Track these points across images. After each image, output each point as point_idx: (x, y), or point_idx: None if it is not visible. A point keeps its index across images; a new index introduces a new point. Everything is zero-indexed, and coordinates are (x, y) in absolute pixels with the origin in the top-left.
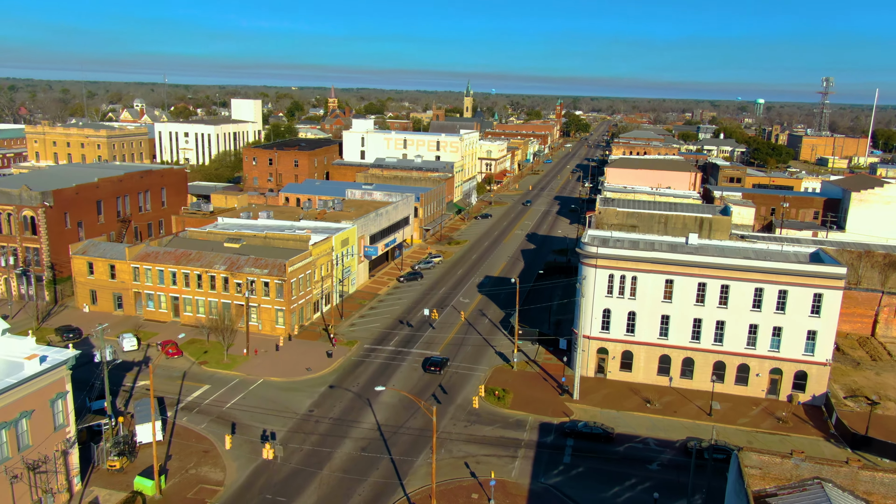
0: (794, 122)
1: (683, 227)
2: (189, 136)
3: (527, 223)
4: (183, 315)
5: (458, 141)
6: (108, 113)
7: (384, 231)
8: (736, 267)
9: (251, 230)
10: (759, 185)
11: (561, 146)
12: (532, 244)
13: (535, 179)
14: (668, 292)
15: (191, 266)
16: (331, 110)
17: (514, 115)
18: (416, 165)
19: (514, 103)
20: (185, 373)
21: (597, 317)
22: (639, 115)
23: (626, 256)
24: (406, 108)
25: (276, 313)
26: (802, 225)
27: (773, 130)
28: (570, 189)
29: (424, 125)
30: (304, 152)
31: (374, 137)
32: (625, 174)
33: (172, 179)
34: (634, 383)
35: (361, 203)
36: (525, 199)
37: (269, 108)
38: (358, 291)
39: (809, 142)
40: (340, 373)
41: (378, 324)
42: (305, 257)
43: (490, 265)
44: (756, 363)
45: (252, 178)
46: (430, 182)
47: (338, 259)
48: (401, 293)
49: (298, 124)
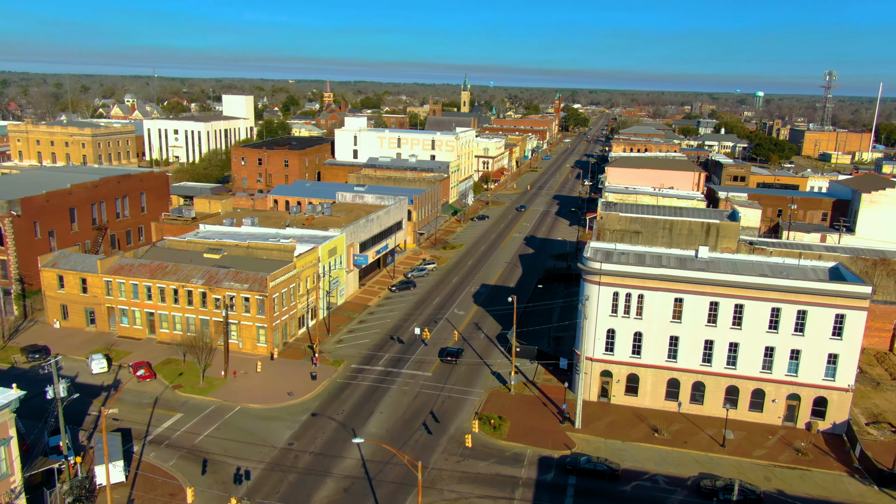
0: (793, 114)
1: (689, 234)
2: (178, 134)
3: (525, 225)
4: (159, 332)
5: (453, 140)
6: (99, 108)
7: (375, 238)
8: (751, 285)
9: (233, 239)
10: (763, 185)
11: (559, 141)
12: (530, 248)
13: (534, 177)
14: (677, 311)
15: (167, 280)
16: (326, 105)
17: (512, 109)
18: (411, 165)
19: (511, 96)
20: (156, 399)
21: (600, 337)
22: (637, 109)
23: (632, 273)
24: (403, 101)
25: (257, 331)
26: (810, 227)
27: (774, 125)
28: (569, 187)
29: (421, 119)
30: (294, 152)
31: (367, 136)
32: (626, 174)
33: (153, 183)
34: (640, 408)
35: (352, 207)
36: (519, 205)
37: (264, 102)
38: (347, 303)
39: (812, 137)
40: (325, 397)
41: (367, 339)
42: (289, 270)
43: (487, 272)
44: (772, 388)
45: (241, 178)
46: (424, 183)
47: (325, 270)
48: (392, 304)
49: (293, 119)
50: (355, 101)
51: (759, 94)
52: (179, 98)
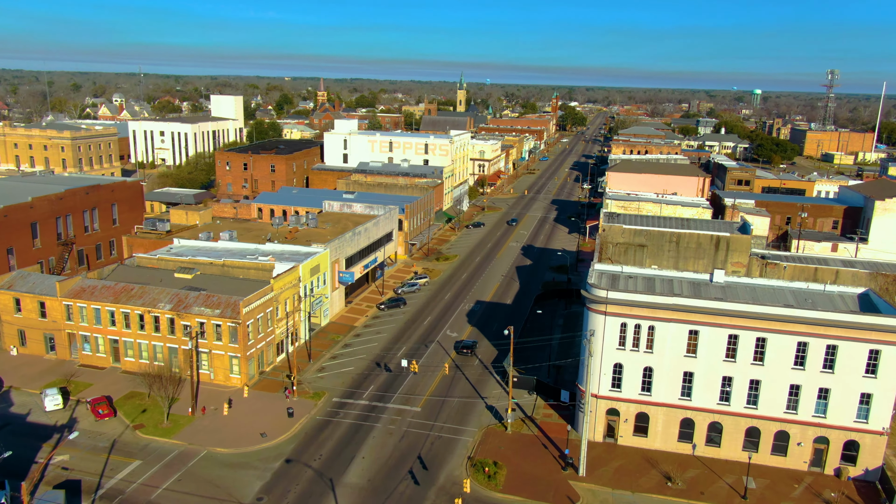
0: (791, 112)
1: (698, 247)
2: (165, 136)
3: (522, 233)
4: (124, 361)
5: (447, 143)
6: (87, 108)
7: (363, 251)
8: (775, 317)
9: (209, 256)
10: (769, 189)
11: (557, 141)
12: (528, 259)
13: (531, 180)
14: (691, 345)
15: (131, 304)
16: (320, 104)
17: (509, 107)
18: (403, 171)
19: (508, 94)
20: (114, 441)
21: (606, 372)
22: (635, 107)
23: (642, 302)
24: (399, 100)
25: (229, 360)
26: (820, 236)
27: (774, 124)
28: (567, 191)
29: (417, 119)
30: (281, 156)
31: (357, 140)
32: (627, 179)
33: (125, 194)
34: (650, 450)
35: (339, 217)
36: (510, 218)
37: (258, 100)
38: (331, 324)
39: (814, 136)
40: (301, 438)
41: (352, 367)
42: (265, 293)
43: (482, 287)
44: (797, 430)
45: (225, 184)
46: (417, 190)
47: (307, 290)
48: (380, 325)
49: (286, 119)
50: (350, 99)
51: (757, 91)
52: (171, 97)
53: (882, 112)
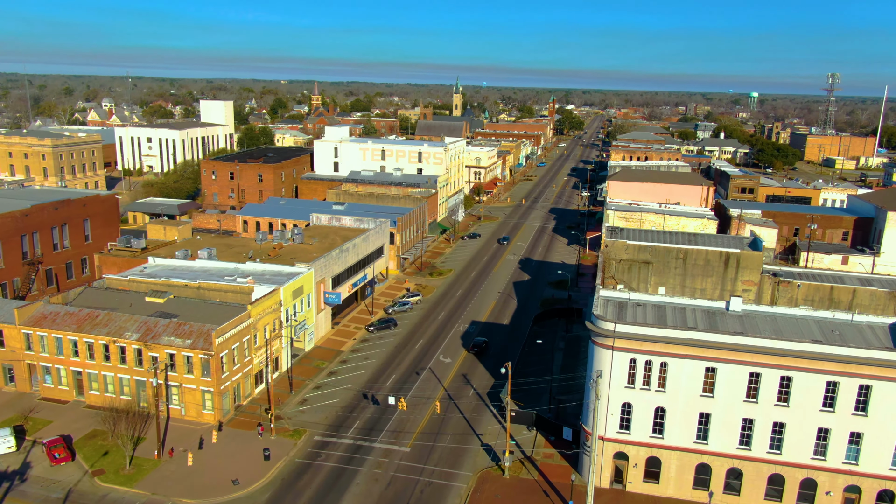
0: (789, 115)
1: (706, 264)
2: (152, 142)
3: (520, 245)
4: (88, 394)
5: (442, 152)
6: (76, 114)
7: (351, 269)
8: (801, 354)
9: (184, 277)
10: (773, 197)
11: (554, 146)
12: (526, 273)
13: (528, 187)
14: (708, 383)
15: (96, 333)
16: (314, 108)
17: (506, 111)
18: (396, 180)
19: (505, 98)
20: (69, 491)
21: (613, 413)
22: (632, 110)
23: (653, 337)
24: (395, 104)
25: (202, 395)
26: (830, 248)
27: (773, 128)
28: (566, 199)
29: (412, 123)
30: (269, 165)
31: (348, 148)
32: (628, 188)
33: (99, 208)
34: (663, 498)
35: (327, 231)
36: (501, 236)
37: (252, 104)
38: (317, 348)
39: (814, 141)
40: (278, 486)
41: (336, 399)
42: (242, 320)
43: (477, 305)
44: (826, 478)
45: (211, 193)
46: (410, 200)
47: (289, 315)
48: (369, 349)
49: (280, 123)
50: (345, 103)
51: (754, 94)
52: (164, 101)
53: (874, 114)
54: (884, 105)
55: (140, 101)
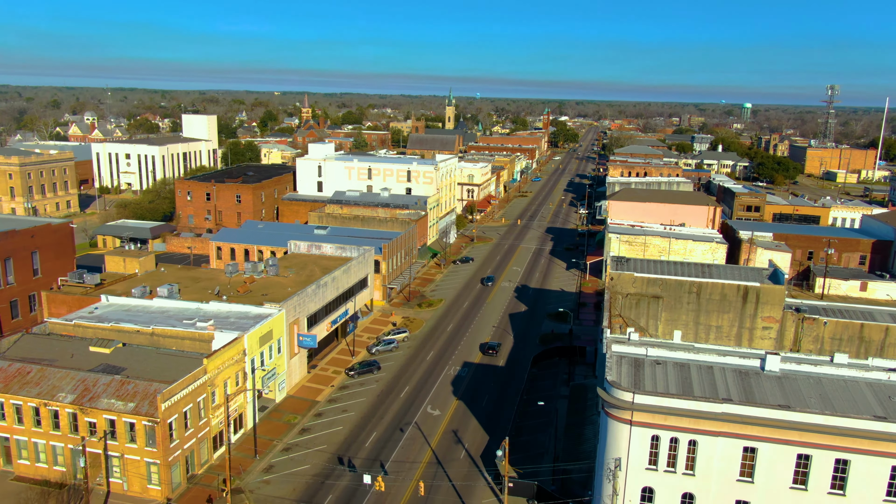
0: (783, 126)
1: (722, 299)
2: (131, 158)
3: (515, 270)
4: (17, 464)
5: (432, 171)
6: (58, 127)
7: (330, 305)
8: (860, 433)
9: (138, 321)
10: (780, 216)
11: (549, 159)
12: (523, 304)
13: (523, 204)
14: (747, 466)
15: (25, 394)
16: (304, 121)
17: (500, 122)
18: (383, 201)
19: (498, 109)
20: None
21: (632, 499)
22: (626, 121)
23: (680, 410)
24: (387, 115)
25: (147, 467)
26: (847, 273)
27: (771, 140)
28: (563, 217)
29: (404, 135)
30: (248, 185)
31: (332, 166)
32: (630, 208)
33: (50, 239)
34: None
35: (306, 260)
36: (486, 277)
37: (242, 116)
38: (289, 398)
39: (814, 154)
40: None
41: (307, 465)
42: (196, 377)
43: (470, 342)
44: None
45: (186, 215)
46: (397, 224)
47: (255, 364)
48: (348, 398)
49: (269, 137)
50: (337, 115)
51: (747, 105)
52: (152, 114)
53: (867, 125)
54: (885, 116)
55: (128, 114)
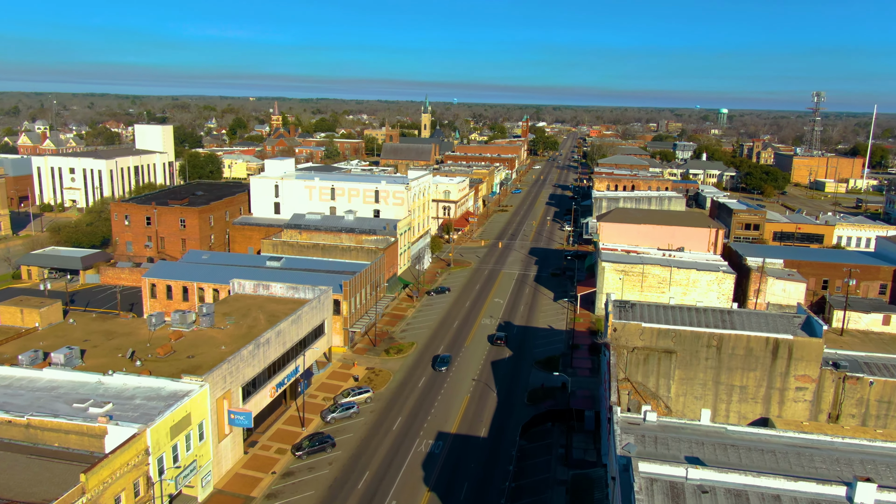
0: (760, 132)
1: (748, 354)
2: (75, 173)
3: (497, 302)
4: None
5: (403, 190)
6: (5, 137)
7: (275, 365)
8: None
9: (14, 404)
10: (782, 235)
11: (529, 168)
12: (507, 348)
13: (504, 221)
14: None
15: None
16: (274, 129)
17: (477, 129)
18: (347, 225)
19: (476, 115)
20: None
21: None
22: (604, 128)
23: None
24: (362, 122)
25: None
26: (868, 304)
27: (753, 147)
28: (547, 235)
29: (379, 144)
30: (193, 208)
31: (291, 186)
32: (623, 231)
33: None
34: None
35: (250, 305)
36: (439, 358)
37: (212, 124)
38: (216, 494)
39: (801, 162)
40: None
41: None
42: (72, 500)
43: (445, 402)
44: None
45: (124, 242)
46: (363, 253)
47: (165, 462)
48: (292, 491)
49: (236, 145)
50: (310, 122)
51: (723, 111)
52: (115, 121)
53: (873, 134)
54: (873, 123)
55: (91, 121)
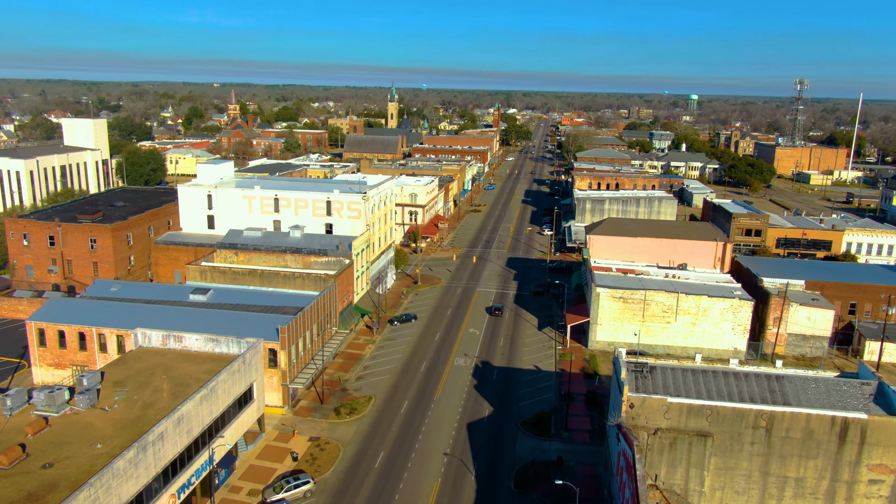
0: (731, 119)
1: (807, 438)
2: None
3: (472, 333)
4: None
5: (360, 202)
6: None
7: (173, 466)
8: None
9: None
10: (786, 241)
11: (502, 160)
12: (484, 399)
13: (477, 224)
14: None
15: None
16: (231, 119)
17: (447, 117)
18: (293, 244)
19: (445, 102)
20: None
21: None
22: (575, 114)
23: None
24: (327, 111)
25: None
26: None
27: (732, 136)
28: (525, 241)
29: (343, 134)
30: (106, 226)
31: (227, 196)
32: (616, 245)
33: None
34: None
35: (153, 367)
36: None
37: (168, 112)
38: None
39: (784, 153)
40: None
41: None
42: None
43: (409, 494)
44: None
45: (23, 266)
46: (310, 281)
47: None
48: None
49: (189, 137)
50: (271, 111)
51: (694, 97)
52: (61, 110)
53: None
54: (859, 112)
55: (36, 111)
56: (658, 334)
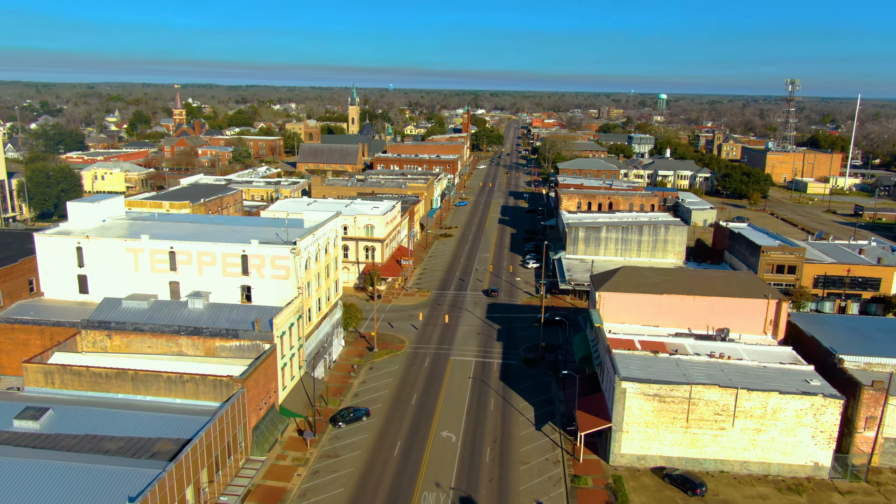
0: (702, 118)
1: None
2: None
3: (446, 439)
4: None
5: (288, 256)
6: None
7: None
8: None
9: None
10: (826, 279)
11: (473, 169)
12: None
13: (448, 254)
14: None
15: None
16: (177, 125)
17: (414, 120)
18: (191, 321)
19: (412, 103)
20: None
21: None
22: (545, 115)
23: None
24: (286, 115)
25: None
26: None
27: (714, 139)
28: (508, 278)
29: (300, 140)
30: None
31: (103, 249)
32: (635, 305)
33: None
34: None
35: None
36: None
37: (115, 117)
38: None
39: (776, 159)
40: None
41: None
42: None
43: None
44: None
45: None
46: (208, 388)
47: None
48: None
49: (126, 146)
50: (226, 115)
51: (663, 96)
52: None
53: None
54: (857, 112)
55: None
56: (708, 445)
